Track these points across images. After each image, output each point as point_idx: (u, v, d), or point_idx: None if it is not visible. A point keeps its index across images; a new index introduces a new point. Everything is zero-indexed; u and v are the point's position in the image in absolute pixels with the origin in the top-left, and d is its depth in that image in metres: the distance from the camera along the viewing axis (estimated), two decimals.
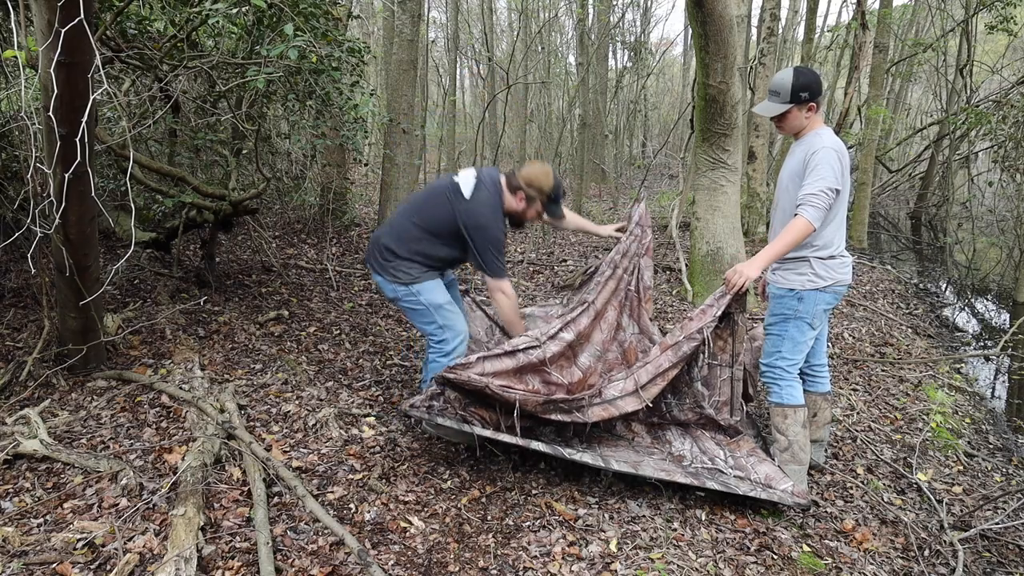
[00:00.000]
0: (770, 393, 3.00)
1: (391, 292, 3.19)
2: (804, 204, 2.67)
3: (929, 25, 15.26)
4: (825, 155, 2.69)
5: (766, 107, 2.86)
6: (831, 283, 2.84)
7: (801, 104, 2.79)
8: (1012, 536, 2.96)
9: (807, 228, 2.66)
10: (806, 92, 2.76)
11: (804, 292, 2.84)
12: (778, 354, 2.95)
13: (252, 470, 2.77)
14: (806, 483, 2.93)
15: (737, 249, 5.42)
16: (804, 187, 2.70)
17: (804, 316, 2.87)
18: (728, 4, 4.63)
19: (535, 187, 3.08)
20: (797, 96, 2.77)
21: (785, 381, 2.94)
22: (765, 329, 3.04)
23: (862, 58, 7.73)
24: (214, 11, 3.58)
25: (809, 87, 2.76)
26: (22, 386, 3.32)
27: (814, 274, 2.83)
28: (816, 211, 2.65)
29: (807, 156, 2.75)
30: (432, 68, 14.79)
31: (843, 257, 2.86)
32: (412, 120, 6.42)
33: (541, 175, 3.08)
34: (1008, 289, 8.49)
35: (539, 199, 3.10)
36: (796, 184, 2.81)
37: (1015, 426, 4.65)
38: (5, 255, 4.64)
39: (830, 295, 2.86)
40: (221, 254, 5.98)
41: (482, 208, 3.04)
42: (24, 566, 2.19)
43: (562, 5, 14.72)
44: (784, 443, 2.94)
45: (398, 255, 3.15)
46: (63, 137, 2.49)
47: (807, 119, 2.83)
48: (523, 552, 2.52)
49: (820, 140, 2.75)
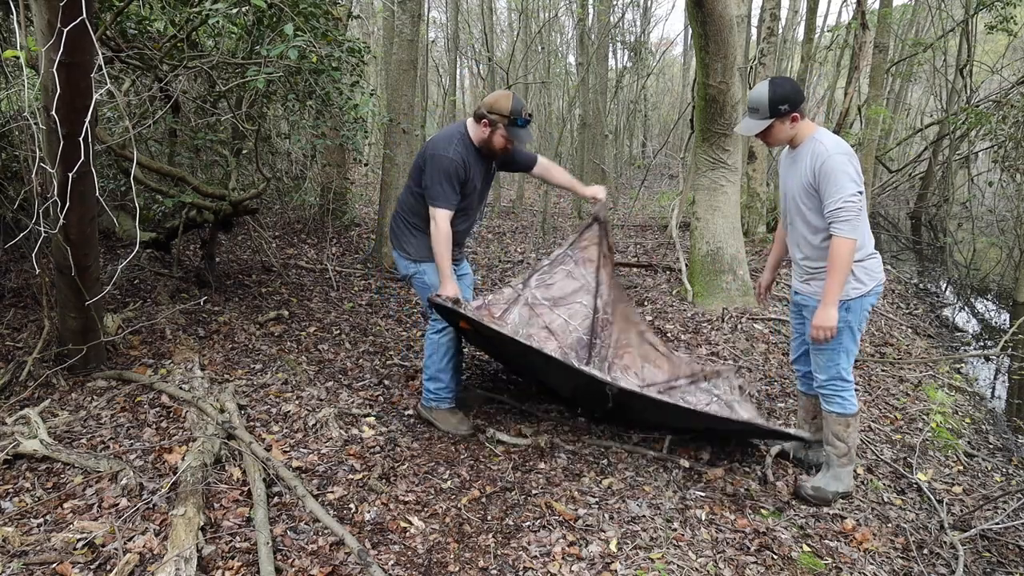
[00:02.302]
0: (831, 405, 2.93)
1: (404, 269, 3.37)
2: (834, 221, 2.60)
3: (929, 25, 15.25)
4: (835, 163, 2.60)
5: (747, 125, 2.78)
6: (873, 286, 2.78)
7: (782, 117, 2.70)
8: (1012, 536, 2.96)
9: (849, 245, 2.60)
10: (785, 104, 2.68)
11: (850, 301, 2.77)
12: (837, 367, 2.87)
13: (252, 470, 2.77)
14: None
15: (737, 249, 5.42)
16: (826, 204, 2.62)
17: (853, 323, 2.81)
18: (728, 4, 4.63)
19: (496, 111, 3.07)
20: (776, 110, 2.69)
21: (848, 392, 2.91)
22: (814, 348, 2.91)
23: (862, 58, 7.73)
24: (214, 11, 3.58)
25: (787, 98, 2.67)
26: (22, 386, 3.32)
27: (857, 281, 2.76)
28: (848, 224, 2.59)
29: (816, 168, 2.65)
30: (432, 68, 14.79)
31: (876, 255, 2.82)
32: (412, 120, 6.42)
33: (501, 98, 3.08)
34: (1008, 289, 8.49)
35: (501, 123, 3.08)
36: (811, 198, 2.72)
37: (1015, 426, 4.65)
38: (5, 255, 4.64)
39: (872, 297, 2.81)
40: (221, 254, 5.98)
41: (437, 140, 3.15)
42: (24, 566, 2.19)
43: (562, 5, 14.73)
44: (843, 449, 2.93)
45: (404, 221, 3.31)
46: (65, 137, 2.49)
47: (793, 129, 2.75)
48: (523, 552, 2.52)
49: (823, 147, 2.65)
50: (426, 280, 3.29)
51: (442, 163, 3.07)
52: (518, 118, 3.06)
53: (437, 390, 3.39)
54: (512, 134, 3.11)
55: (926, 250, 10.99)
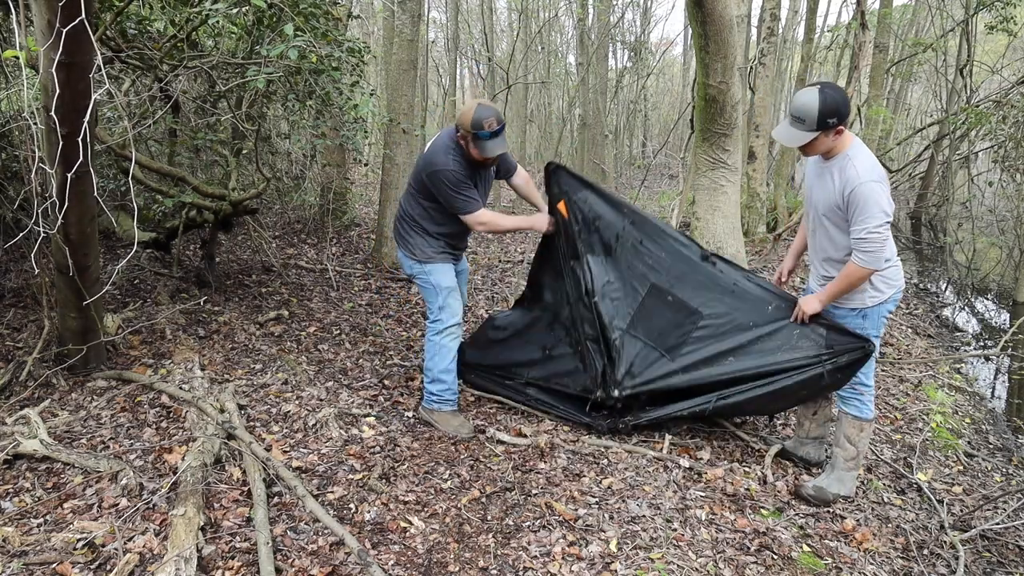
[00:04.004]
0: (848, 406, 2.94)
1: (408, 268, 3.41)
2: (857, 250, 2.59)
3: (929, 25, 15.24)
4: (867, 191, 2.50)
5: (790, 135, 2.61)
6: (891, 294, 2.77)
7: (828, 130, 2.55)
8: (1012, 536, 2.96)
9: (864, 273, 2.62)
10: (834, 118, 2.51)
11: (867, 309, 2.78)
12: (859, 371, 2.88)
13: (252, 470, 2.77)
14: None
15: (737, 249, 5.41)
16: (852, 231, 2.58)
17: (870, 330, 2.81)
18: (728, 4, 4.62)
19: (461, 125, 3.05)
20: (824, 123, 2.52)
21: (867, 397, 2.92)
22: None
23: (862, 58, 7.73)
24: (214, 11, 3.58)
25: (838, 111, 2.50)
26: (22, 386, 3.32)
27: (874, 289, 2.76)
28: (870, 256, 2.56)
29: (846, 194, 2.56)
30: (432, 68, 14.79)
31: (896, 264, 2.78)
32: (412, 120, 6.42)
33: (466, 111, 3.03)
34: (1008, 289, 8.49)
35: (467, 136, 3.04)
36: (836, 216, 2.67)
37: (1015, 426, 4.65)
38: (5, 255, 4.64)
39: (890, 304, 2.81)
40: (221, 254, 5.97)
41: (432, 154, 3.15)
42: (24, 566, 2.19)
43: (562, 5, 14.73)
44: (852, 453, 2.94)
45: (408, 225, 3.35)
46: (64, 137, 2.49)
47: (835, 142, 2.62)
48: (523, 552, 2.52)
49: (856, 172, 2.53)
50: (430, 280, 3.33)
51: (446, 176, 3.09)
52: (479, 131, 2.98)
53: (439, 392, 3.40)
54: (479, 147, 3.04)
55: (926, 250, 10.99)
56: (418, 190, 3.26)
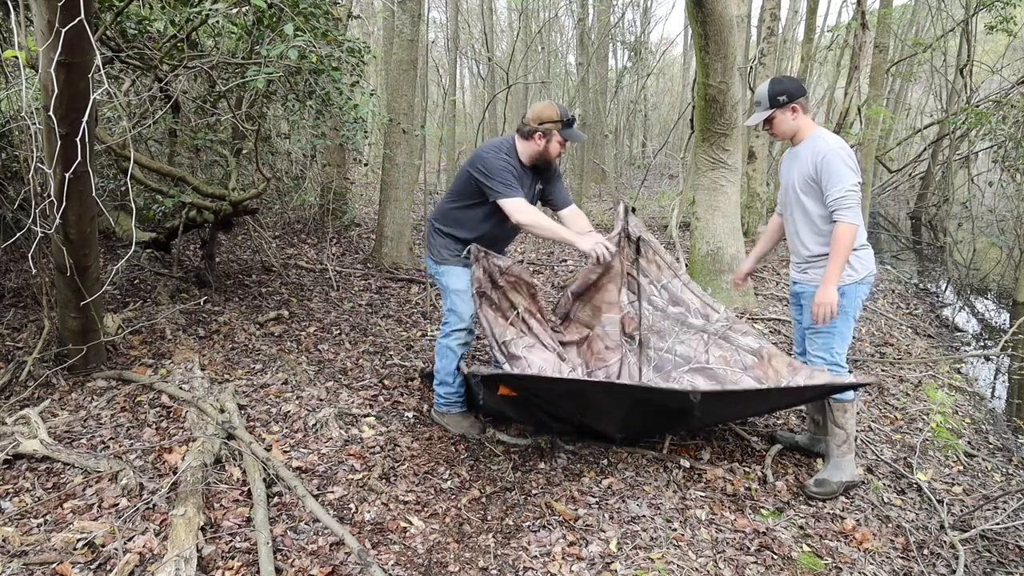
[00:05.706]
0: None
1: (430, 269, 3.46)
2: (837, 209, 2.78)
3: (929, 25, 15.25)
4: (834, 156, 2.80)
5: (752, 118, 3.05)
6: (866, 274, 2.93)
7: (782, 107, 2.93)
8: (1012, 536, 2.96)
9: (852, 230, 2.77)
10: (783, 95, 2.92)
11: (845, 287, 2.90)
12: (831, 350, 2.99)
13: (252, 470, 2.77)
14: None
15: (737, 249, 5.42)
16: (829, 194, 2.80)
17: (848, 310, 2.94)
18: (728, 4, 4.63)
19: (546, 120, 3.15)
20: (775, 101, 2.92)
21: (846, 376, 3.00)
22: (810, 331, 3.04)
23: (862, 58, 7.73)
24: (214, 11, 3.58)
25: (785, 91, 2.92)
26: (22, 386, 3.32)
27: (850, 268, 2.90)
28: (851, 211, 2.77)
29: (817, 162, 2.83)
30: (432, 68, 14.79)
31: (868, 247, 2.97)
32: (412, 120, 6.42)
33: (546, 107, 3.17)
34: (1008, 289, 8.49)
35: (554, 129, 3.16)
36: (811, 189, 2.89)
37: (1015, 426, 4.65)
38: (5, 255, 4.64)
39: (866, 286, 2.95)
40: (221, 254, 5.98)
41: (484, 149, 3.21)
42: (24, 566, 2.19)
43: (562, 5, 14.73)
44: (842, 436, 3.03)
45: (433, 228, 3.39)
46: (63, 137, 2.49)
47: (794, 120, 2.95)
48: (523, 552, 2.52)
49: (824, 143, 2.85)
50: (442, 280, 3.36)
51: (495, 163, 3.13)
52: (568, 119, 3.17)
53: (448, 395, 3.40)
54: (567, 135, 3.20)
55: (926, 250, 10.99)
56: (458, 193, 3.27)
